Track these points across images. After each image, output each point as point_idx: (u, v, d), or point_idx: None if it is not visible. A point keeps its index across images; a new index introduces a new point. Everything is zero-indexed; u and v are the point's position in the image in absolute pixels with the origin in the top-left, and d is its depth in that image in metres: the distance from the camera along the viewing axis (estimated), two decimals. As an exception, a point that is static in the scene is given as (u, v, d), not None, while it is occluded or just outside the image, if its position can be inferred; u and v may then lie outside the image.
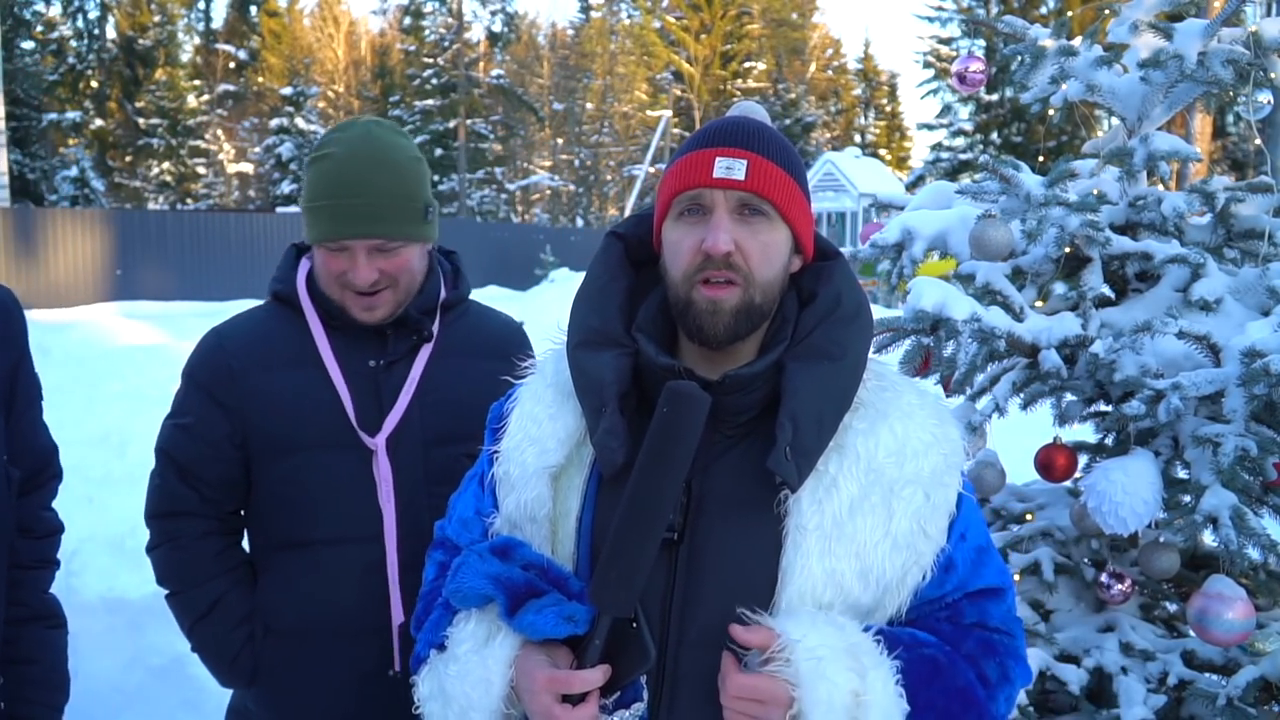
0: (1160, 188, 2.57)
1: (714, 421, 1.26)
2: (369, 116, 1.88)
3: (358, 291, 1.81)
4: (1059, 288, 2.54)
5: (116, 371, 9.95)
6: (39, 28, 36.44)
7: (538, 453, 1.35)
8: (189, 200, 37.76)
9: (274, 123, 35.51)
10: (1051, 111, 2.64)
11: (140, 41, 38.61)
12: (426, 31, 39.12)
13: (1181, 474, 2.34)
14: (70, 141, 36.36)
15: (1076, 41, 2.59)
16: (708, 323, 1.26)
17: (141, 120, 36.87)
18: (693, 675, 1.24)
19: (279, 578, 1.88)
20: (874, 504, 1.26)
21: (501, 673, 1.25)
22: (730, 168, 1.26)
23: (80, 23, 38.95)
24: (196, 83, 39.70)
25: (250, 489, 1.90)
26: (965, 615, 1.34)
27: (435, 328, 1.92)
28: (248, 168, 42.06)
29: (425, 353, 1.90)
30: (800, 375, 1.25)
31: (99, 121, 38.21)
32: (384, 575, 1.83)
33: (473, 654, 1.28)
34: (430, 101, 38.19)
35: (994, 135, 37.45)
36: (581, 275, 1.47)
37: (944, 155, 36.88)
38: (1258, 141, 2.55)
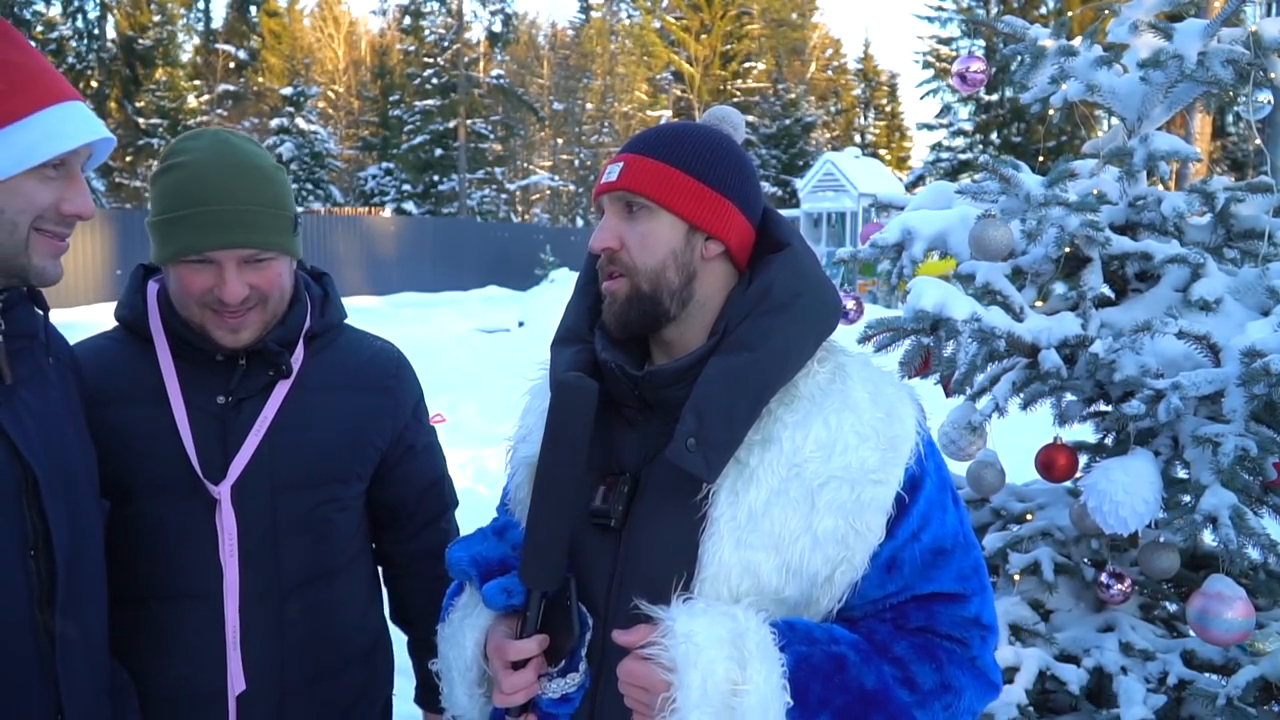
0: (1160, 188, 2.57)
1: (663, 415, 1.33)
2: (216, 126, 1.76)
3: (223, 311, 1.62)
4: (1059, 288, 2.54)
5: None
6: (39, 28, 36.44)
7: (526, 445, 1.47)
8: (189, 200, 37.72)
9: (274, 123, 35.47)
10: (1051, 111, 2.64)
11: (140, 41, 38.58)
12: (426, 31, 39.06)
13: (1181, 474, 2.34)
14: (70, 141, 36.27)
15: (1076, 41, 2.59)
16: (607, 315, 1.37)
17: (141, 120, 36.84)
18: (623, 655, 1.28)
19: (114, 637, 1.65)
20: (794, 498, 1.27)
21: (474, 638, 1.39)
22: (610, 173, 1.37)
23: (80, 23, 38.95)
24: (196, 83, 39.65)
25: None
26: (911, 619, 1.32)
27: (296, 362, 1.73)
28: (248, 168, 41.93)
29: (281, 390, 1.71)
30: (714, 368, 1.28)
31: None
32: (220, 637, 1.65)
33: (458, 620, 1.43)
34: (430, 101, 38.16)
35: (994, 135, 37.39)
36: (581, 275, 1.57)
37: (944, 155, 36.83)
38: (1258, 141, 2.55)
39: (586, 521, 1.34)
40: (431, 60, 38.06)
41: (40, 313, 1.45)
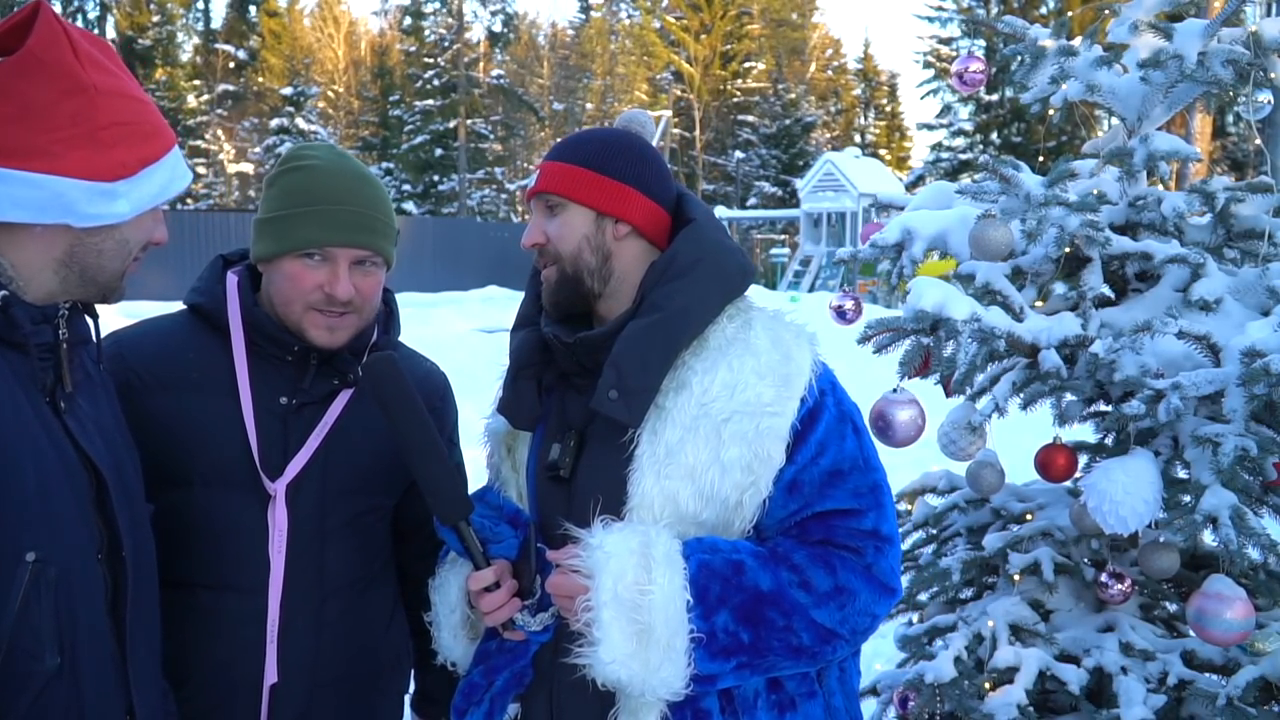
0: (1160, 188, 2.57)
1: (597, 377, 1.51)
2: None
3: (326, 310, 1.68)
4: (1059, 288, 2.54)
5: (116, 371, 9.88)
6: (39, 28, 36.40)
7: (493, 420, 1.73)
8: (189, 200, 37.74)
9: (274, 123, 35.51)
10: (1051, 111, 2.64)
11: (140, 41, 38.54)
12: (426, 31, 39.07)
13: (1181, 474, 2.34)
14: (70, 141, 36.21)
15: (1076, 41, 2.59)
16: (545, 298, 1.61)
17: (141, 120, 36.78)
18: None
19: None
20: (704, 433, 1.45)
21: (457, 584, 1.64)
22: (532, 180, 1.60)
23: (80, 23, 38.96)
24: (196, 83, 39.66)
25: None
26: (812, 533, 1.47)
27: (360, 372, 1.77)
28: (248, 168, 42.03)
29: (343, 398, 1.76)
30: (629, 329, 1.48)
31: (99, 121, 38.05)
32: (262, 630, 1.68)
33: (444, 573, 1.68)
34: (430, 101, 38.17)
35: (994, 135, 37.37)
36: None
37: (944, 155, 36.83)
38: (1258, 141, 2.55)
39: (544, 475, 1.58)
40: (432, 60, 38.08)
41: (89, 320, 1.49)
